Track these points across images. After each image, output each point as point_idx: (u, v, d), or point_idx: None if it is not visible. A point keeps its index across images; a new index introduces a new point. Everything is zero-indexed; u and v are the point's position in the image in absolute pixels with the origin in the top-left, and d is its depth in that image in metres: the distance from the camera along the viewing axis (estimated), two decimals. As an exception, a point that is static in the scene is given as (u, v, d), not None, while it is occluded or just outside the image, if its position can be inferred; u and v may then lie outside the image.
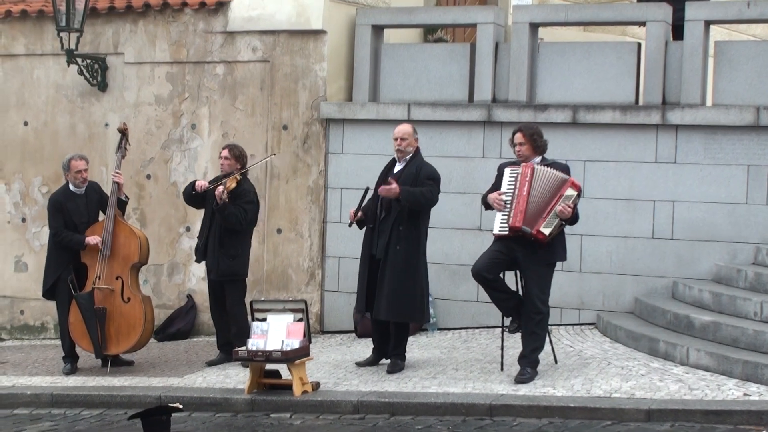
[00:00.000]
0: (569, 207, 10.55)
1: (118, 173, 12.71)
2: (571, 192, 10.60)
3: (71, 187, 12.66)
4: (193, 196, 12.48)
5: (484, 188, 11.36)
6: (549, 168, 10.68)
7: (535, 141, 10.80)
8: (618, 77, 13.07)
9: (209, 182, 12.54)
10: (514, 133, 10.92)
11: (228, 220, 12.12)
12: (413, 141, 11.56)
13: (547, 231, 10.55)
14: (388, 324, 11.63)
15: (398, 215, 11.33)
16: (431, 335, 13.35)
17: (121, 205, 12.75)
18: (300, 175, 14.22)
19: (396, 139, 11.55)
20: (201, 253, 12.48)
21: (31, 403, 11.81)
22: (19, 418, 11.38)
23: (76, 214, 12.55)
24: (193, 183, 12.56)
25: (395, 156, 11.64)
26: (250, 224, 12.43)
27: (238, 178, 12.24)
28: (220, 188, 11.99)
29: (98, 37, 15.20)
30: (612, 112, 12.85)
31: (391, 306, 11.36)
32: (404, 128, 11.64)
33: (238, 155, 12.41)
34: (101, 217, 12.75)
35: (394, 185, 11.18)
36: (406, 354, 11.74)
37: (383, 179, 11.56)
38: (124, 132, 13.06)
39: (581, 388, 10.39)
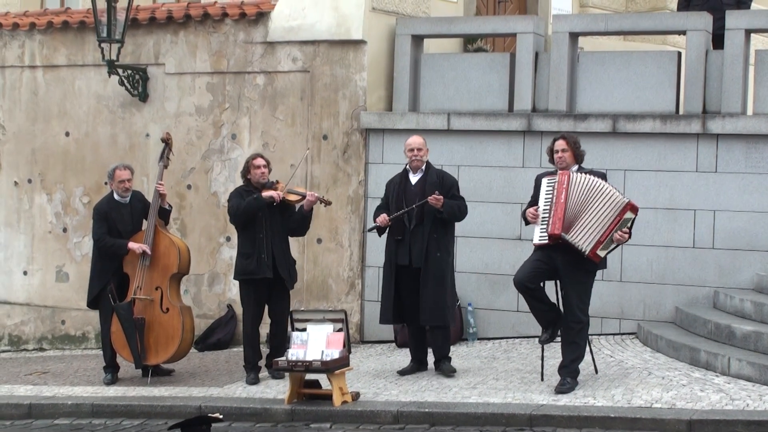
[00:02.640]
0: (626, 234, 10.62)
1: (161, 183, 12.75)
2: (629, 215, 10.63)
3: (116, 196, 12.71)
4: (256, 211, 11.95)
5: (524, 198, 11.38)
6: (586, 174, 10.70)
7: (577, 149, 10.88)
8: (658, 86, 13.02)
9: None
10: (555, 140, 10.93)
11: (307, 228, 12.48)
12: (426, 151, 11.94)
13: (602, 254, 10.69)
14: (425, 331, 11.85)
15: (433, 224, 11.61)
16: (471, 345, 13.33)
17: (164, 214, 12.79)
18: (340, 185, 14.23)
19: (413, 150, 11.85)
20: (269, 267, 12.03)
21: (72, 413, 11.85)
22: (60, 428, 11.44)
23: (120, 223, 12.60)
24: (255, 196, 11.97)
25: (408, 167, 11.92)
26: None
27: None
28: (315, 194, 12.14)
29: (139, 48, 15.28)
30: (652, 121, 12.80)
31: (433, 311, 11.61)
32: (419, 139, 11.99)
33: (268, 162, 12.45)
34: (144, 225, 12.79)
35: (442, 197, 11.47)
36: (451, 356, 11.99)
37: (402, 190, 11.85)
38: (167, 141, 13.05)
39: (622, 399, 10.35)
